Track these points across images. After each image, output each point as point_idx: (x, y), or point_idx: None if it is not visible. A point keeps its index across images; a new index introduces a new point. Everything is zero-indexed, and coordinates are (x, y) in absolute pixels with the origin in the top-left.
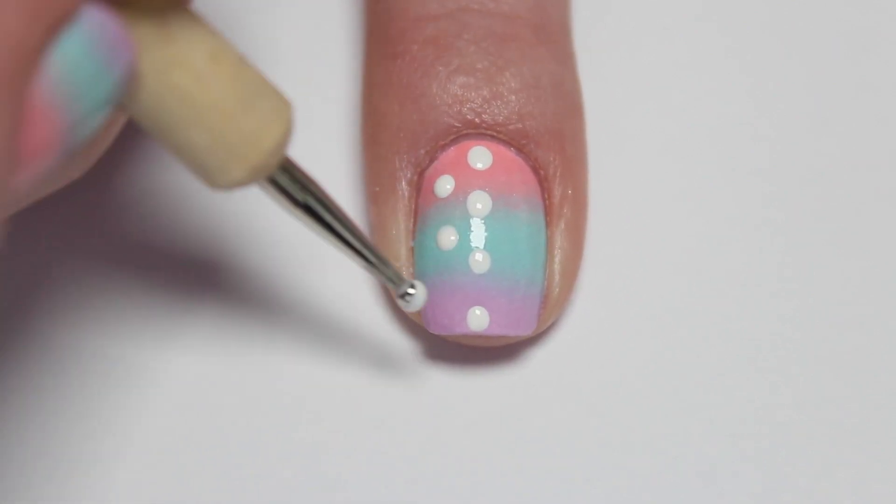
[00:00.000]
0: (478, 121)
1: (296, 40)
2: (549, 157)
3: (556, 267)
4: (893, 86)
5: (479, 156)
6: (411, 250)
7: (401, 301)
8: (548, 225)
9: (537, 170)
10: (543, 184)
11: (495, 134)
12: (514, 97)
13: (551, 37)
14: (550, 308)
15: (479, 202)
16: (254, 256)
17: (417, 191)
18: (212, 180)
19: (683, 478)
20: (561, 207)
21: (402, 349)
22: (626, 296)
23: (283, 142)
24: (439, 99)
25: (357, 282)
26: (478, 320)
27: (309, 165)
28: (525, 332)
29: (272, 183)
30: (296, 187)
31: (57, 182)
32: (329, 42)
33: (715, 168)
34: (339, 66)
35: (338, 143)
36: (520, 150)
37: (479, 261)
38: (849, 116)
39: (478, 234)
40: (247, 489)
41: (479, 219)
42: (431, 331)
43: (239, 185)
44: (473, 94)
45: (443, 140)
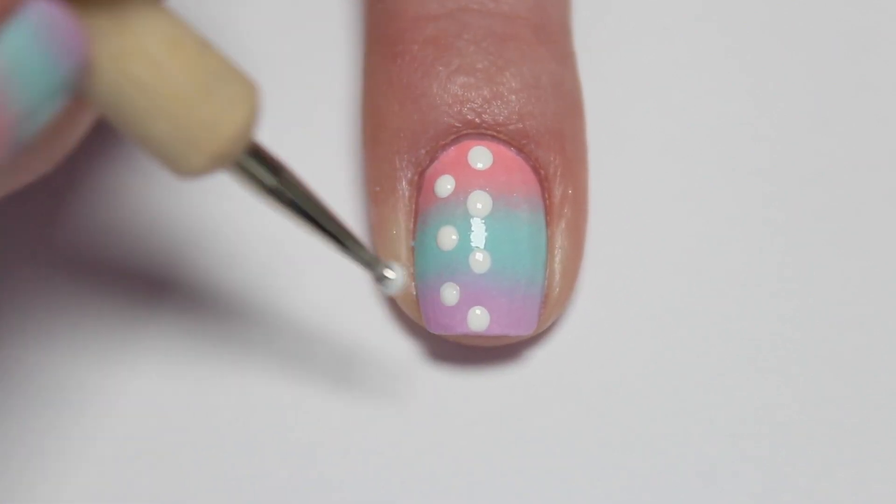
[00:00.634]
0: (478, 121)
1: (296, 40)
2: (550, 156)
3: (557, 267)
4: (893, 86)
5: (480, 156)
6: (412, 250)
7: (380, 285)
8: (548, 225)
9: (537, 170)
10: (544, 183)
11: (495, 134)
12: (514, 97)
13: (551, 36)
14: (551, 308)
15: (479, 202)
16: (254, 256)
17: (418, 191)
18: (175, 169)
19: (683, 478)
20: (561, 207)
21: (403, 349)
22: (626, 295)
23: (245, 128)
24: (439, 99)
25: (357, 281)
26: (478, 320)
27: (308, 165)
28: (525, 332)
29: (241, 169)
30: (265, 172)
31: (21, 175)
32: (329, 42)
33: (715, 168)
34: (339, 66)
35: (338, 143)
36: (520, 150)
37: (480, 260)
38: (849, 116)
39: (478, 233)
40: (246, 489)
41: (479, 219)
42: (431, 331)
43: (202, 172)
44: (474, 93)
45: (443, 140)
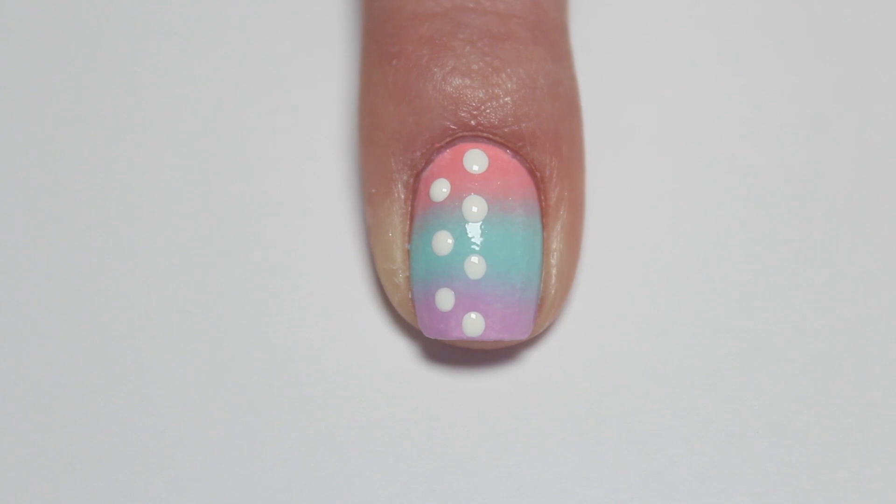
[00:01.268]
0: (473, 123)
1: (292, 39)
2: (546, 158)
3: (553, 269)
4: (893, 86)
5: (475, 159)
6: (407, 253)
7: None
8: (544, 227)
9: (534, 172)
10: (540, 186)
11: (491, 136)
12: (510, 99)
13: (548, 36)
14: (546, 311)
15: (474, 206)
16: (252, 256)
17: (413, 193)
18: None
19: (683, 478)
20: (557, 209)
21: (400, 350)
22: (622, 297)
23: None
24: (434, 101)
25: (355, 282)
26: (473, 325)
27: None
28: (521, 336)
29: None
30: None
31: None
32: (326, 41)
33: (713, 168)
34: (335, 66)
35: (335, 143)
36: (516, 153)
37: (475, 266)
38: (849, 116)
39: (473, 238)
40: (245, 489)
41: (474, 223)
42: (427, 335)
43: None
44: (469, 95)
45: (438, 142)
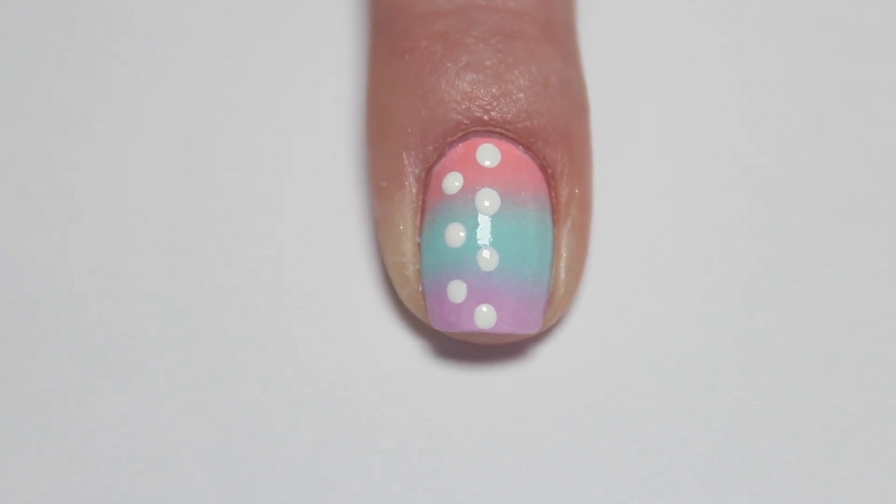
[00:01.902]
0: (486, 118)
1: (298, 35)
2: (557, 155)
3: (563, 266)
4: (894, 86)
5: (488, 153)
6: (418, 246)
7: None
8: (554, 223)
9: (545, 168)
10: (551, 182)
11: (503, 131)
12: (522, 95)
13: (557, 35)
14: (556, 306)
15: (487, 200)
16: (258, 254)
17: (424, 187)
18: None
19: (683, 478)
20: (568, 206)
21: (409, 346)
22: (630, 294)
23: None
24: (448, 95)
25: (363, 279)
26: (485, 318)
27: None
28: (531, 330)
29: None
30: None
31: None
32: (332, 37)
33: (720, 167)
34: (341, 61)
35: (339, 138)
36: (528, 148)
37: (488, 258)
38: (853, 116)
39: (486, 231)
40: (248, 488)
41: (487, 216)
42: (437, 328)
43: None
44: (482, 90)
45: (451, 136)
